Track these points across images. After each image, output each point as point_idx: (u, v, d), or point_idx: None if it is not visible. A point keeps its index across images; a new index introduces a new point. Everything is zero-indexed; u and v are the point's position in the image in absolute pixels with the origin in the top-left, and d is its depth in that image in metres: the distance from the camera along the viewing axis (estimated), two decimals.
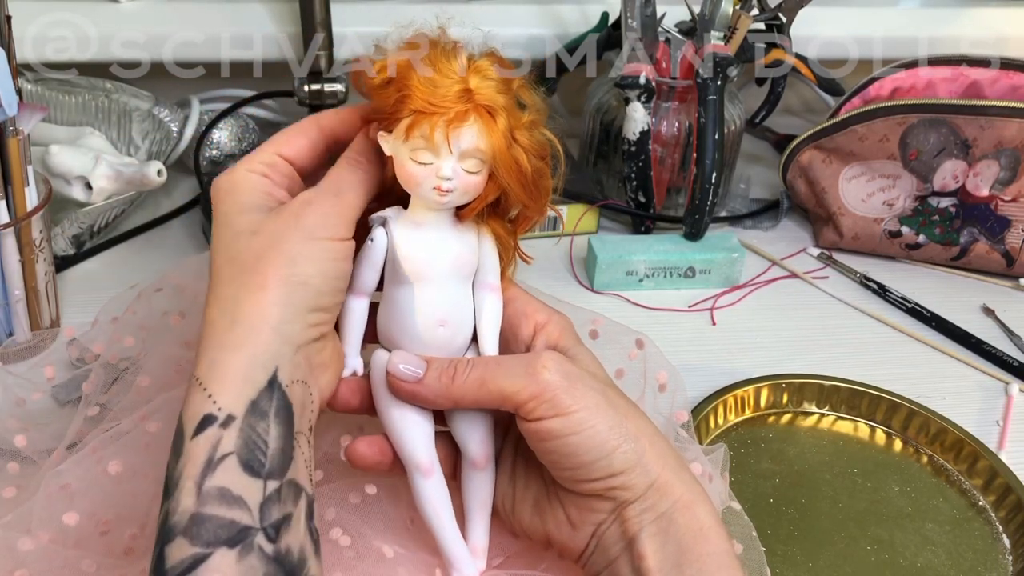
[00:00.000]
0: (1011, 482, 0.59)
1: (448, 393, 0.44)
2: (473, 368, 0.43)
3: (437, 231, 0.44)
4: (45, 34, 0.81)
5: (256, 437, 0.38)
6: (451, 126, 0.41)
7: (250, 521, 0.36)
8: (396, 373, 0.44)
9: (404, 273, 0.44)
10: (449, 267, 0.44)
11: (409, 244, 0.44)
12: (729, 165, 0.87)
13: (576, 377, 0.43)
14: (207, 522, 0.36)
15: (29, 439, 0.52)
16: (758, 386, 0.65)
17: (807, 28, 0.86)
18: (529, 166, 0.43)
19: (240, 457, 0.37)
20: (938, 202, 0.81)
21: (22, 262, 0.61)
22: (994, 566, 0.56)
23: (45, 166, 0.73)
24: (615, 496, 0.42)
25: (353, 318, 0.45)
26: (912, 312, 0.77)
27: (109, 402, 0.53)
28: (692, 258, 0.78)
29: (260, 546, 0.36)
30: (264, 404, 0.38)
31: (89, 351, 0.57)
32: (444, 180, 0.42)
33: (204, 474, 0.37)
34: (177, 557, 0.35)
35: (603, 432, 0.42)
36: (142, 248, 0.79)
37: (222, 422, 0.37)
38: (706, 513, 0.42)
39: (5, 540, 0.44)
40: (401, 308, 0.44)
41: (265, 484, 0.37)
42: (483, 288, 0.46)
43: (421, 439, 0.45)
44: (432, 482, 0.45)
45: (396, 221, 0.44)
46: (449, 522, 0.45)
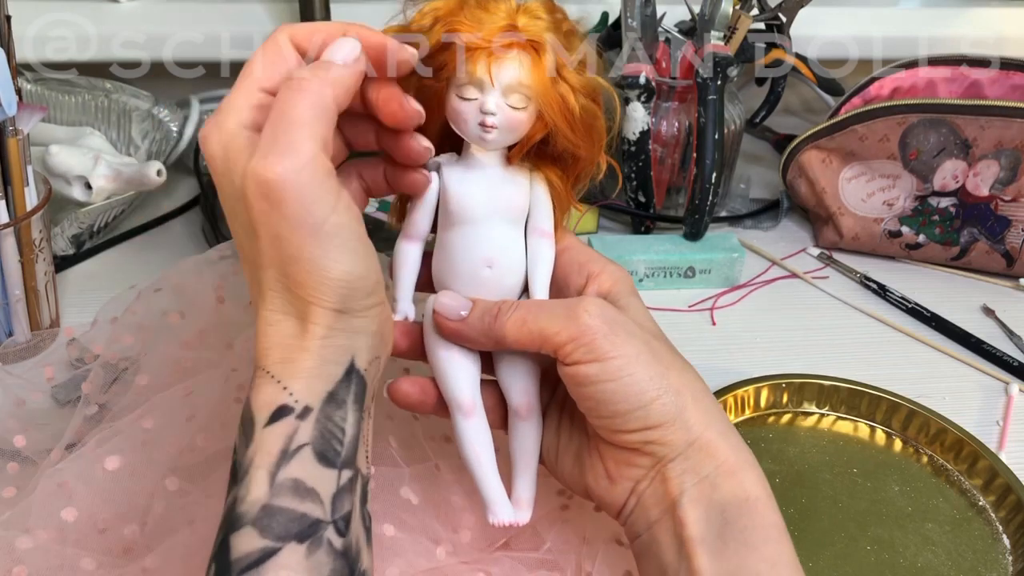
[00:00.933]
0: (1011, 482, 0.59)
1: (490, 332, 0.43)
2: (516, 309, 0.43)
3: (487, 173, 0.44)
4: (45, 34, 0.81)
5: (333, 426, 0.37)
6: (493, 59, 0.41)
7: (321, 514, 0.35)
8: (440, 311, 0.44)
9: (453, 214, 0.44)
10: (498, 208, 0.45)
11: (459, 185, 0.44)
12: (729, 165, 0.87)
13: (619, 324, 0.42)
14: (279, 515, 0.35)
15: (29, 439, 0.52)
16: (758, 386, 0.65)
17: (807, 28, 0.86)
18: (576, 104, 0.43)
19: (315, 448, 0.36)
20: (938, 202, 0.81)
21: (22, 262, 0.61)
22: (994, 566, 0.56)
23: (45, 166, 0.73)
24: (652, 451, 0.41)
25: (406, 263, 0.46)
26: (912, 312, 0.77)
27: (108, 402, 0.53)
28: (692, 258, 0.78)
29: (329, 540, 0.35)
30: (342, 393, 0.38)
31: (89, 351, 0.57)
32: (488, 115, 0.42)
33: (279, 464, 0.35)
34: (245, 548, 0.34)
35: (641, 382, 0.41)
36: (142, 248, 0.79)
37: (299, 413, 0.36)
38: (753, 481, 0.41)
39: (4, 538, 0.44)
40: (449, 249, 0.45)
41: (339, 474, 0.36)
42: (534, 233, 0.46)
43: (465, 379, 0.45)
44: (473, 422, 0.45)
45: (449, 165, 0.45)
46: (488, 464, 0.45)
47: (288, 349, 0.38)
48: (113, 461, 0.47)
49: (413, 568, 0.46)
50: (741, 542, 0.39)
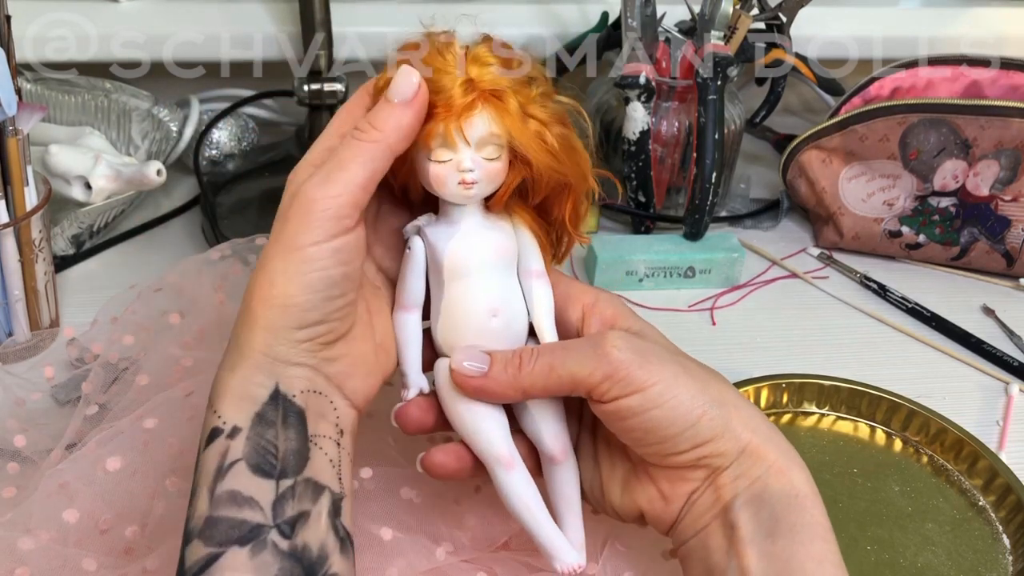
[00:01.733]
0: (1011, 482, 0.59)
1: (517, 383, 0.42)
2: (540, 356, 0.42)
3: (471, 225, 0.44)
4: (45, 34, 0.81)
5: (265, 443, 0.39)
6: (460, 119, 0.41)
7: (262, 519, 0.37)
8: (460, 369, 0.43)
9: (446, 272, 0.44)
10: (490, 258, 0.44)
11: (446, 243, 0.44)
12: (729, 165, 0.87)
13: (648, 351, 0.42)
14: (219, 523, 0.37)
15: (29, 439, 0.52)
16: (758, 386, 0.65)
17: (807, 28, 0.86)
18: (552, 136, 0.42)
19: (249, 461, 0.38)
20: (938, 202, 0.81)
21: (21, 262, 0.61)
22: (994, 566, 0.56)
23: (45, 166, 0.73)
24: (707, 464, 0.41)
25: (408, 333, 0.45)
26: (912, 312, 0.77)
27: (108, 402, 0.53)
28: (692, 258, 0.78)
29: (274, 542, 0.37)
30: (270, 415, 0.39)
31: (88, 351, 0.57)
32: (466, 172, 0.42)
33: (216, 480, 0.38)
34: (193, 557, 0.37)
35: (686, 402, 0.41)
36: (142, 248, 0.79)
37: (228, 433, 0.39)
38: (802, 480, 0.41)
39: (5, 539, 0.44)
40: (451, 308, 0.44)
41: (278, 483, 0.38)
42: (528, 276, 0.46)
43: (497, 431, 0.44)
44: (515, 474, 0.43)
45: (430, 226, 0.45)
46: (540, 513, 0.43)
47: (223, 375, 0.40)
48: (114, 462, 0.47)
49: (414, 568, 0.46)
50: (790, 538, 0.39)
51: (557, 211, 0.46)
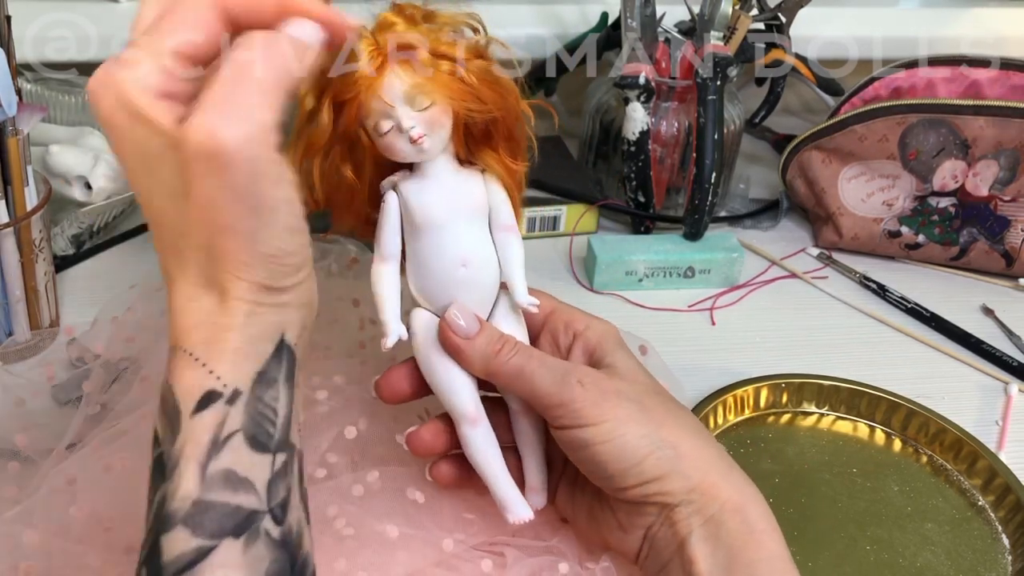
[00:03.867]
0: (1010, 482, 0.59)
1: (488, 365, 0.45)
2: (517, 354, 0.45)
3: (442, 179, 0.46)
4: (45, 34, 0.81)
5: (264, 408, 0.35)
6: (377, 86, 0.42)
7: (257, 504, 0.33)
8: (451, 321, 0.45)
9: (418, 224, 0.45)
10: (460, 209, 0.46)
11: (418, 196, 0.45)
12: (729, 165, 0.87)
13: (609, 391, 0.43)
14: (212, 510, 0.32)
15: (29, 439, 0.52)
16: (757, 386, 0.65)
17: (807, 28, 0.86)
18: (470, 72, 0.43)
19: (247, 433, 0.34)
20: (938, 202, 0.81)
21: (22, 262, 0.61)
22: (994, 566, 0.56)
23: (45, 166, 0.73)
24: (657, 500, 0.43)
25: (386, 284, 0.46)
26: (911, 312, 0.77)
27: (109, 401, 0.53)
28: (692, 258, 0.78)
29: (267, 531, 0.33)
30: (273, 372, 0.35)
31: (89, 351, 0.57)
32: (410, 130, 0.43)
33: (209, 455, 0.33)
34: (177, 549, 0.32)
35: (632, 441, 0.42)
36: (142, 248, 0.79)
37: (228, 398, 0.34)
38: (758, 515, 0.42)
39: (11, 535, 0.44)
40: (422, 257, 0.46)
41: (274, 458, 0.34)
42: (499, 230, 0.47)
43: (466, 390, 0.46)
44: (480, 430, 0.47)
45: (403, 181, 0.46)
46: (500, 468, 0.47)
47: (212, 328, 0.35)
48: (118, 460, 0.47)
49: (421, 560, 0.46)
50: (748, 575, 0.40)
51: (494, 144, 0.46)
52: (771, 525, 0.42)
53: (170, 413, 0.34)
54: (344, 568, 0.45)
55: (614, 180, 0.86)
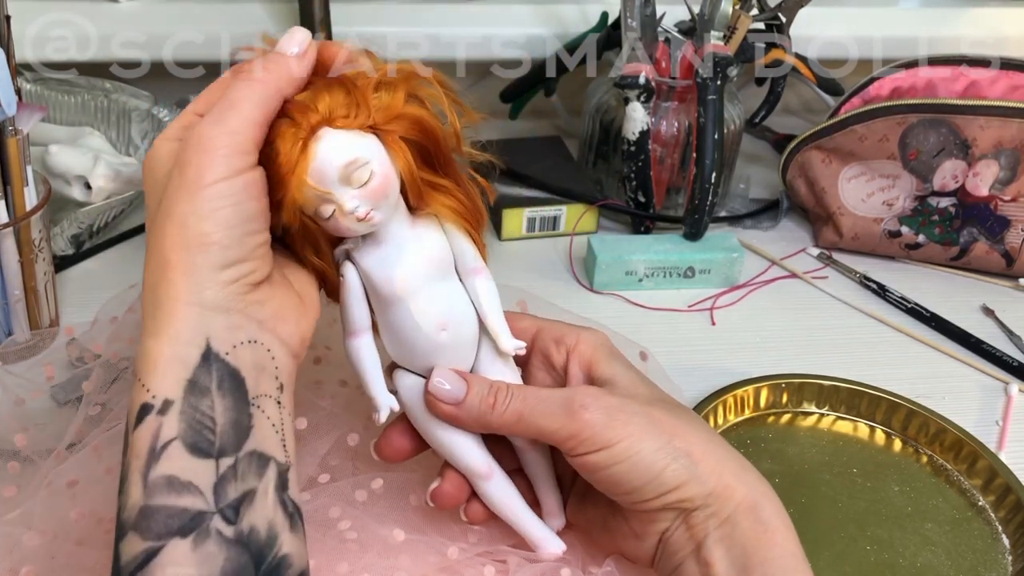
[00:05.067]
0: (1010, 482, 0.59)
1: (486, 421, 0.44)
2: (512, 400, 0.44)
3: (398, 242, 0.43)
4: (45, 34, 0.81)
5: (200, 416, 0.36)
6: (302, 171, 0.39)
7: (204, 506, 0.35)
8: (436, 393, 0.44)
9: (388, 297, 0.43)
10: (425, 271, 0.43)
11: (378, 267, 0.43)
12: (729, 165, 0.87)
13: (616, 409, 0.43)
14: (156, 514, 0.34)
15: (29, 439, 0.52)
16: (758, 386, 0.65)
17: (807, 28, 0.86)
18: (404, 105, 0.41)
19: (185, 440, 0.35)
20: (938, 202, 0.81)
21: (21, 262, 0.61)
22: (994, 566, 0.56)
23: (44, 166, 0.73)
24: (676, 507, 0.43)
25: (365, 358, 0.45)
26: (912, 312, 0.77)
27: (109, 401, 0.53)
28: (692, 258, 0.78)
29: (218, 530, 0.35)
30: (203, 380, 0.36)
31: (88, 351, 0.57)
32: (355, 210, 0.40)
33: (148, 464, 0.35)
34: (130, 553, 0.34)
35: (648, 456, 0.42)
36: (141, 248, 0.79)
37: (159, 409, 0.36)
38: (772, 514, 0.42)
39: (11, 536, 0.44)
40: (398, 328, 0.44)
41: (218, 463, 0.36)
42: (469, 275, 0.45)
43: (473, 448, 0.45)
44: (494, 483, 0.46)
45: (358, 249, 0.43)
46: (523, 511, 0.46)
47: (146, 344, 0.37)
48: (118, 462, 0.47)
49: (425, 565, 0.46)
50: (762, 573, 0.41)
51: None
52: (784, 522, 0.42)
53: (125, 433, 0.36)
54: (346, 571, 0.45)
55: (614, 180, 0.86)
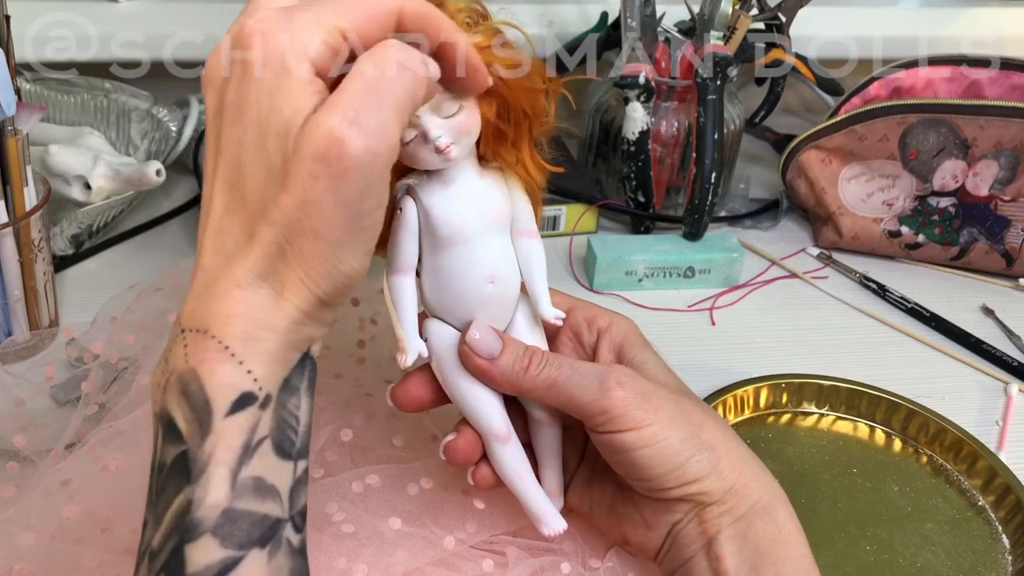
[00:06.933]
0: (1010, 482, 0.59)
1: (518, 383, 0.43)
2: (547, 366, 0.42)
3: (466, 186, 0.42)
4: (45, 34, 0.81)
5: (287, 415, 0.34)
6: None
7: (281, 512, 0.32)
8: (473, 346, 0.43)
9: (444, 237, 0.42)
10: (486, 220, 0.42)
11: (441, 205, 0.42)
12: (729, 165, 0.87)
13: (650, 392, 0.42)
14: (241, 520, 0.31)
15: (28, 439, 0.52)
16: (757, 386, 0.65)
17: (807, 28, 0.86)
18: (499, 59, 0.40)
19: (274, 440, 0.33)
20: (938, 202, 0.81)
21: (21, 262, 0.61)
22: (994, 566, 0.56)
23: (44, 166, 0.73)
24: (693, 499, 0.42)
25: (404, 298, 0.43)
26: (911, 312, 0.77)
27: (108, 401, 0.53)
28: (691, 258, 0.78)
29: (288, 539, 0.33)
30: (296, 379, 0.34)
31: (88, 351, 0.57)
32: (438, 140, 0.39)
33: (241, 461, 0.32)
34: (204, 561, 0.31)
35: (675, 444, 0.42)
36: (141, 248, 0.79)
37: (262, 402, 0.33)
38: (785, 516, 0.42)
39: (6, 536, 0.44)
40: (446, 272, 0.43)
41: (296, 466, 0.34)
42: (522, 236, 0.44)
43: (494, 409, 0.45)
44: (510, 448, 0.45)
45: (422, 185, 0.42)
46: (531, 482, 0.45)
47: (255, 324, 0.33)
48: (115, 460, 0.47)
49: (422, 558, 0.46)
50: (773, 573, 0.41)
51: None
52: (796, 527, 0.42)
53: (198, 408, 0.32)
54: (344, 566, 0.45)
55: (614, 180, 0.86)
